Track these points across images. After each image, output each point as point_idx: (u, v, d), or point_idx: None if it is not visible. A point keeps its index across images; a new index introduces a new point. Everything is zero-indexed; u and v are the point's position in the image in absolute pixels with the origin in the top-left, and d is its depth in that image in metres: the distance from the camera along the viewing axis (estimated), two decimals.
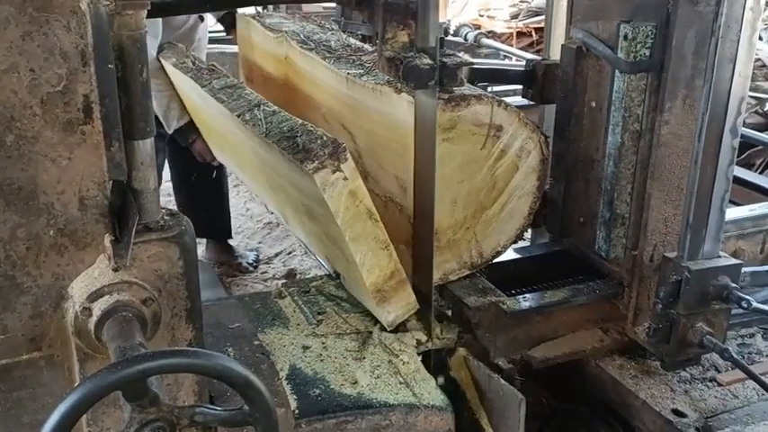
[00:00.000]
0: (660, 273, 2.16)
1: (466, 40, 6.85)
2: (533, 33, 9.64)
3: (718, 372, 2.31)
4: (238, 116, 2.49)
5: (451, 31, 6.93)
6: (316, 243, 2.68)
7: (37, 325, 1.49)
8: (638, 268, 2.27)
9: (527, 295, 2.38)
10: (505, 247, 2.47)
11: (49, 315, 1.49)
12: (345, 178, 2.04)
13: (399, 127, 2.25)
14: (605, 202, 2.29)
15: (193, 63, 3.22)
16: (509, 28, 9.60)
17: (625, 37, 2.10)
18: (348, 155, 2.05)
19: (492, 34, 8.23)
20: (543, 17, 10.03)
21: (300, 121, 2.34)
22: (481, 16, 10.22)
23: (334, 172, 2.02)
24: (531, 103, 2.81)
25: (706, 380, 2.27)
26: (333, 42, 2.95)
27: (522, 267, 2.63)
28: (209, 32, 4.86)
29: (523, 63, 2.81)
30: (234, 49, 5.14)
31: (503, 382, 2.06)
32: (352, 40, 3.06)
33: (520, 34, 9.60)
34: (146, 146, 1.49)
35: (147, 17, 1.44)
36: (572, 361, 2.35)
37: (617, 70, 2.17)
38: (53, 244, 1.45)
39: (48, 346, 1.51)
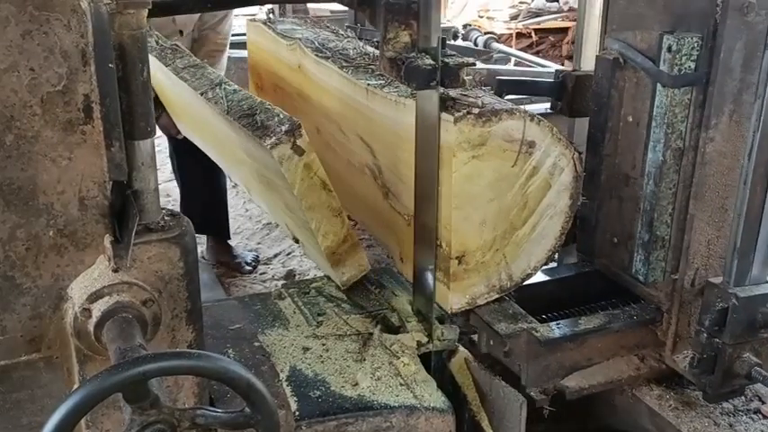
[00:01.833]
0: (704, 299, 2.06)
1: (476, 44, 6.71)
2: (533, 34, 9.64)
3: (763, 402, 2.21)
4: (201, 94, 2.57)
5: (460, 35, 6.77)
6: (277, 212, 2.77)
7: (36, 326, 1.48)
8: (677, 293, 2.16)
9: (560, 321, 2.26)
10: (536, 270, 2.35)
11: (48, 316, 1.48)
12: (301, 153, 2.13)
13: None
14: (644, 223, 2.19)
15: (157, 42, 3.23)
16: (508, 29, 9.60)
17: (668, 49, 2.00)
18: (303, 131, 2.14)
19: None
20: (543, 18, 10.04)
21: (259, 99, 2.39)
22: (480, 17, 10.22)
23: (290, 147, 2.12)
24: (549, 111, 2.75)
25: (750, 411, 2.18)
26: (350, 51, 2.90)
27: (551, 290, 2.50)
28: None
29: (538, 68, 2.78)
30: (238, 53, 5.10)
31: (504, 383, 2.05)
32: (369, 49, 2.98)
33: (519, 35, 9.60)
34: (146, 146, 1.48)
35: (147, 16, 1.44)
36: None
37: (659, 84, 2.06)
38: (53, 244, 1.44)
39: (47, 347, 1.51)
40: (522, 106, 2.21)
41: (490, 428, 2.10)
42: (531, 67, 5.82)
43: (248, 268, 4.30)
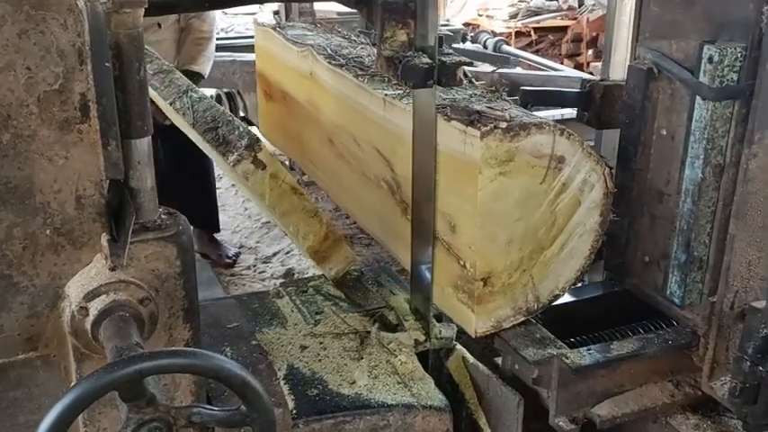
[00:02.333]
0: (746, 325, 1.94)
1: (485, 46, 6.51)
2: (532, 33, 9.65)
3: None
4: (171, 104, 2.59)
5: (469, 37, 6.62)
6: (265, 211, 2.81)
7: (33, 324, 1.48)
8: (716, 316, 2.05)
9: (591, 347, 2.15)
10: (564, 291, 2.25)
11: (45, 315, 1.48)
12: (264, 166, 2.14)
13: (447, 157, 2.11)
14: (680, 242, 2.08)
15: None
16: (508, 28, 9.61)
17: (710, 59, 1.89)
18: (262, 144, 2.14)
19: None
20: (542, 17, 10.05)
21: (222, 109, 2.39)
22: (480, 16, 10.22)
23: (251, 162, 2.12)
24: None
25: None
26: (365, 58, 2.80)
27: (578, 310, 2.39)
28: (218, 39, 4.86)
29: (551, 71, 2.73)
30: (245, 57, 5.01)
31: (501, 382, 2.05)
32: None
33: (519, 34, 9.61)
34: (143, 145, 1.48)
35: (144, 16, 1.44)
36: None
37: (698, 96, 1.96)
38: (49, 243, 1.44)
39: (44, 345, 1.51)
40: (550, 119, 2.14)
41: (488, 427, 2.10)
42: (544, 70, 5.69)
43: (228, 261, 4.34)
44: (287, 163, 5.06)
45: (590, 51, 9.08)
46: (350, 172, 2.77)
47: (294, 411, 1.94)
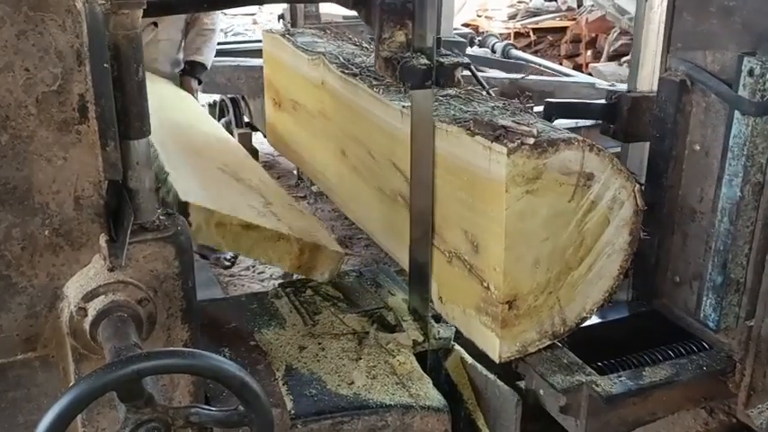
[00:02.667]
0: None
1: (493, 51, 6.38)
2: (531, 34, 9.65)
3: None
4: None
5: (476, 41, 6.48)
6: None
7: (32, 325, 1.49)
8: (753, 341, 1.97)
9: (622, 374, 2.05)
10: (591, 313, 2.14)
11: (44, 315, 1.49)
12: (206, 223, 2.16)
13: (470, 175, 2.01)
14: (716, 264, 1.99)
15: None
16: (507, 29, 9.61)
17: (750, 72, 1.81)
18: (189, 208, 2.13)
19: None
20: (541, 17, 10.02)
21: (163, 167, 2.38)
22: (479, 17, 10.22)
23: (191, 225, 2.09)
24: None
25: None
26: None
27: (605, 332, 2.28)
28: (220, 44, 4.87)
29: (564, 77, 2.66)
30: (249, 62, 4.95)
31: (500, 382, 2.05)
32: None
33: (518, 35, 9.61)
34: (141, 145, 1.49)
35: (142, 17, 1.44)
36: None
37: (737, 111, 1.88)
38: (48, 244, 1.45)
39: (43, 346, 1.51)
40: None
41: (486, 427, 2.10)
42: (556, 76, 5.56)
43: (226, 263, 4.35)
44: (295, 172, 4.99)
45: (589, 52, 9.07)
46: (364, 185, 2.67)
47: (292, 412, 1.95)
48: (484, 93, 2.44)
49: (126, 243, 1.43)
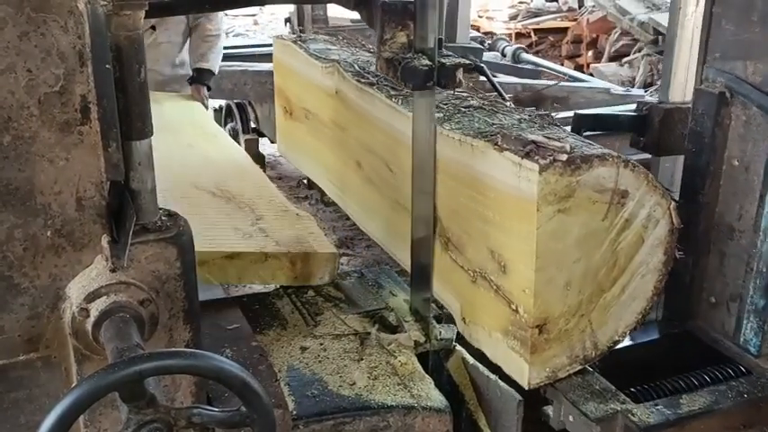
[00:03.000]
0: None
1: (503, 55, 6.26)
2: (532, 34, 9.65)
3: None
4: None
5: (486, 45, 6.34)
6: None
7: (34, 326, 1.49)
8: None
9: (658, 402, 1.95)
10: (624, 336, 2.06)
11: (46, 316, 1.49)
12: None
13: (497, 192, 1.93)
14: (758, 285, 1.91)
15: None
16: (508, 29, 9.61)
17: None
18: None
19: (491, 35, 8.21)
20: (542, 18, 10.02)
21: None
22: (480, 17, 10.22)
23: None
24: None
25: None
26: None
27: (636, 355, 2.19)
28: (225, 48, 4.87)
29: (578, 83, 2.56)
30: (256, 66, 4.91)
31: (501, 383, 2.05)
32: None
33: (519, 35, 9.61)
34: (143, 146, 1.49)
35: (144, 18, 1.44)
36: None
37: None
38: (50, 245, 1.45)
39: (45, 346, 1.51)
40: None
41: (487, 428, 2.10)
42: (571, 82, 5.43)
43: None
44: (305, 182, 4.84)
45: (590, 53, 9.08)
46: (380, 198, 2.59)
47: (294, 412, 1.95)
48: (507, 104, 2.38)
49: (128, 244, 1.43)
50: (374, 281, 2.58)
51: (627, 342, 2.14)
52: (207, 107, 4.50)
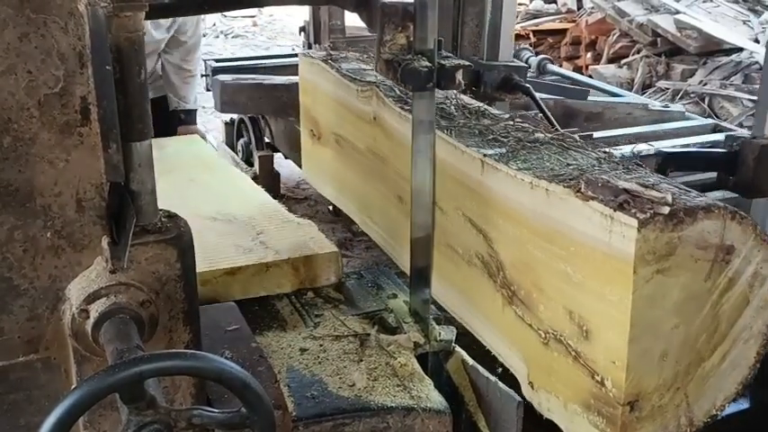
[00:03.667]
0: None
1: (527, 65, 5.71)
2: (531, 36, 9.66)
3: None
4: None
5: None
6: None
7: (34, 327, 1.49)
8: None
9: None
10: (722, 410, 1.83)
11: (45, 317, 1.49)
12: None
13: (580, 247, 1.69)
14: None
15: None
16: None
17: None
18: None
19: None
20: (541, 20, 10.01)
21: None
22: None
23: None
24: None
25: None
26: (446, 102, 2.34)
27: (723, 427, 1.92)
28: (239, 60, 4.87)
29: (606, 98, 2.30)
30: (271, 80, 4.69)
31: (501, 384, 2.05)
32: (465, 98, 2.39)
33: (518, 37, 9.61)
34: (143, 147, 1.49)
35: (145, 19, 1.45)
36: None
37: None
38: (50, 246, 1.45)
39: (45, 348, 1.51)
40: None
41: (487, 429, 2.10)
42: (606, 97, 5.08)
43: None
44: (330, 208, 4.66)
45: (588, 54, 9.08)
46: None
47: (294, 414, 1.95)
48: (576, 138, 2.11)
49: (128, 245, 1.43)
50: (373, 282, 2.58)
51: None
52: (204, 137, 4.54)
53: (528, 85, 3.26)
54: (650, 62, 8.05)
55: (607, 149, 2.00)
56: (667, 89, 7.60)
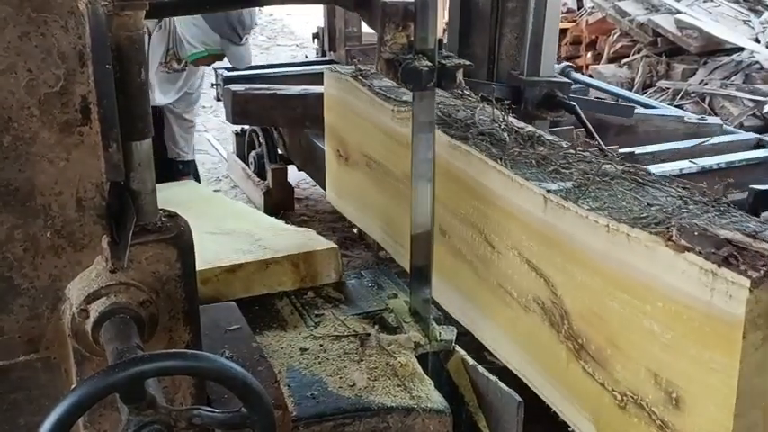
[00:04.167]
0: None
1: (570, 81, 5.72)
2: None
3: None
4: None
5: None
6: None
7: (34, 327, 1.48)
8: None
9: None
10: None
11: (45, 317, 1.48)
12: None
13: (670, 303, 1.47)
14: None
15: None
16: None
17: None
18: None
19: None
20: None
21: None
22: None
23: None
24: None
25: None
26: (494, 127, 2.13)
27: None
28: (252, 69, 4.92)
29: (638, 109, 2.06)
30: (285, 90, 4.54)
31: (501, 384, 2.05)
32: (515, 122, 2.20)
33: None
34: (144, 147, 1.49)
35: (145, 18, 1.44)
36: None
37: None
38: (50, 245, 1.44)
39: (45, 347, 1.51)
40: None
41: (487, 429, 2.10)
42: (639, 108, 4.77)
43: None
44: (355, 231, 4.46)
45: (589, 54, 9.08)
46: (473, 277, 2.14)
47: (294, 414, 1.94)
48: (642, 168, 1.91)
49: (128, 244, 1.43)
50: (374, 281, 2.58)
51: None
52: (199, 180, 4.73)
53: (573, 103, 3.08)
54: (651, 62, 8.04)
55: (687, 185, 1.80)
56: (668, 89, 7.60)
